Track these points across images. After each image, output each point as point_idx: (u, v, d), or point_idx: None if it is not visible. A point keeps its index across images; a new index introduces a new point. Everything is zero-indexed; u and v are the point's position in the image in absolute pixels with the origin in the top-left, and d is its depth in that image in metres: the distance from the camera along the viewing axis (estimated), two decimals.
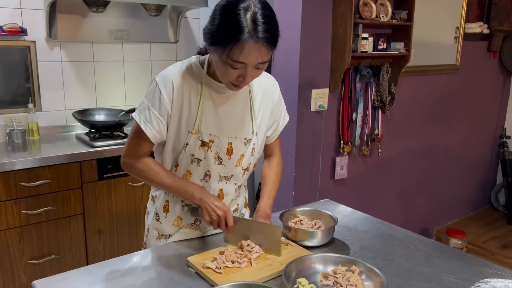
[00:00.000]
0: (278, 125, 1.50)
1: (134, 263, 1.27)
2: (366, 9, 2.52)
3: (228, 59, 1.13)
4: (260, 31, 1.10)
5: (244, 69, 1.16)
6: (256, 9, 1.11)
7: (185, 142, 1.30)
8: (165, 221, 1.42)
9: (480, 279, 1.10)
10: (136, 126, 1.30)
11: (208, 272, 1.16)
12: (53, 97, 2.75)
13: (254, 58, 1.13)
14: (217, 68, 1.21)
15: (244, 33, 1.09)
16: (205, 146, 1.31)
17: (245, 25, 1.09)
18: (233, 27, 1.10)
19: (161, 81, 1.27)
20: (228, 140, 1.34)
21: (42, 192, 2.26)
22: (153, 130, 1.28)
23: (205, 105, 1.29)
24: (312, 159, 2.59)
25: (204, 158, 1.33)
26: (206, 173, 1.36)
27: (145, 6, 2.89)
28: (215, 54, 1.18)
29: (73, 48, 2.77)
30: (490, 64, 3.71)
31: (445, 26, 3.19)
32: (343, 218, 1.62)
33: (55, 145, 2.52)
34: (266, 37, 1.12)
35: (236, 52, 1.11)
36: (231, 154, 1.35)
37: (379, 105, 2.77)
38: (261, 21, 1.11)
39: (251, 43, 1.10)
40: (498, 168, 4.07)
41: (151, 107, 1.27)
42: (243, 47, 1.10)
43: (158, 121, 1.28)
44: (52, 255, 2.34)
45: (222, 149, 1.34)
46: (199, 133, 1.29)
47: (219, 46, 1.14)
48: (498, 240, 3.48)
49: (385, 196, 3.13)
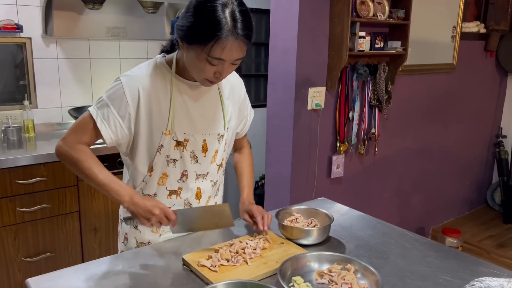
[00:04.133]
0: (247, 120, 1.52)
1: (129, 261, 1.26)
2: (363, 8, 2.52)
3: (208, 56, 1.12)
4: (239, 27, 1.11)
5: (221, 65, 1.16)
6: (234, 6, 1.11)
7: (160, 144, 1.28)
8: (144, 228, 1.40)
9: (475, 278, 1.10)
10: (88, 119, 1.24)
11: (203, 270, 1.16)
12: (49, 94, 2.74)
13: (234, 54, 1.13)
14: (192, 65, 1.20)
15: (225, 30, 1.09)
16: (180, 145, 1.30)
17: (225, 22, 1.09)
18: (213, 24, 1.09)
19: (126, 82, 1.23)
20: (202, 138, 1.33)
21: (38, 190, 2.25)
22: (109, 129, 1.24)
23: (176, 104, 1.28)
24: (308, 157, 2.59)
25: (180, 158, 1.32)
26: (183, 173, 1.35)
27: (142, 3, 2.88)
28: (191, 52, 1.16)
29: (69, 45, 2.76)
30: (486, 64, 3.72)
31: (442, 25, 3.19)
32: (339, 216, 1.62)
33: (50, 142, 2.51)
34: (246, 34, 1.13)
35: (217, 50, 1.11)
36: (206, 151, 1.35)
37: (375, 104, 2.77)
38: (240, 18, 1.11)
39: (232, 40, 1.10)
40: (494, 167, 4.08)
41: (111, 106, 1.23)
42: (224, 44, 1.10)
43: (116, 121, 1.23)
44: (48, 252, 2.33)
45: (198, 146, 1.33)
46: (173, 133, 1.28)
47: (197, 44, 1.12)
48: (494, 239, 3.49)
49: (382, 195, 3.14)
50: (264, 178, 3.70)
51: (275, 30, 2.47)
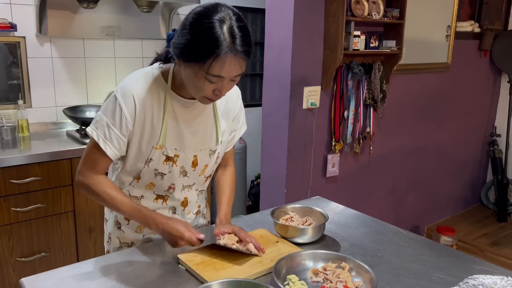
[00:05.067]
0: (235, 134, 1.47)
1: (123, 260, 1.26)
2: (358, 7, 2.52)
3: (206, 74, 1.08)
4: (238, 44, 1.06)
5: (220, 83, 1.11)
6: (232, 21, 1.07)
7: (149, 158, 1.25)
8: (127, 228, 1.39)
9: (468, 276, 1.11)
10: (93, 142, 1.23)
11: (198, 269, 1.16)
12: (43, 94, 2.73)
13: (233, 71, 1.09)
14: (190, 83, 1.15)
15: (223, 47, 1.04)
16: (170, 160, 1.28)
17: (223, 38, 1.04)
18: (211, 41, 1.04)
19: (121, 97, 1.19)
20: (193, 153, 1.31)
21: (32, 189, 2.24)
22: (113, 148, 1.22)
23: (168, 120, 1.25)
24: (304, 156, 2.59)
25: (168, 173, 1.30)
26: (170, 186, 1.33)
27: (137, 2, 2.87)
28: (188, 70, 1.12)
29: (64, 44, 2.75)
30: (481, 63, 3.74)
31: (436, 25, 3.20)
32: (334, 215, 1.62)
33: (45, 142, 2.50)
34: (245, 50, 1.08)
35: (215, 67, 1.06)
36: (196, 166, 1.34)
37: (370, 103, 2.78)
38: (239, 34, 1.07)
39: (231, 57, 1.06)
40: (488, 166, 4.11)
41: (111, 125, 1.20)
42: (224, 62, 1.06)
43: (119, 139, 1.22)
44: (42, 252, 2.32)
45: (188, 162, 1.31)
46: (163, 148, 1.25)
47: (195, 61, 1.08)
48: (488, 237, 3.51)
49: (377, 193, 3.15)
50: (259, 177, 3.70)
51: (270, 30, 2.47)
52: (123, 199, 1.24)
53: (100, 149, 1.21)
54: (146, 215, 1.23)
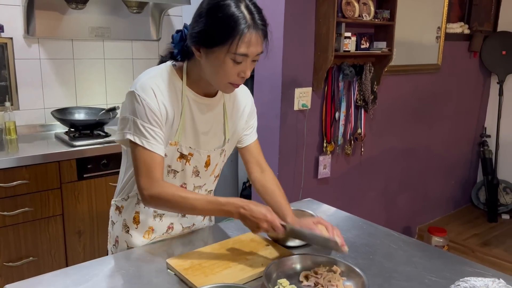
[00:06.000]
0: (253, 130, 1.44)
1: (112, 265, 1.24)
2: (349, 8, 2.52)
3: (234, 55, 1.09)
4: (257, 20, 1.10)
5: (245, 63, 1.13)
6: (247, 0, 1.11)
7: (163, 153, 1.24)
8: (136, 232, 1.37)
9: (460, 278, 1.10)
10: (138, 149, 1.18)
11: (187, 274, 1.14)
12: (31, 96, 2.69)
13: (258, 48, 1.12)
14: (213, 71, 1.15)
15: (247, 24, 1.08)
16: (184, 158, 1.27)
17: (243, 16, 1.08)
18: (233, 20, 1.07)
19: (143, 93, 1.17)
20: (207, 153, 1.31)
21: (19, 193, 2.20)
22: (159, 144, 1.19)
23: (185, 117, 1.24)
24: (295, 158, 2.58)
25: (181, 171, 1.29)
26: (181, 185, 1.32)
27: (126, 3, 2.84)
28: (211, 57, 1.12)
29: (52, 46, 2.71)
30: (470, 64, 3.76)
31: (427, 26, 3.22)
32: (325, 217, 1.60)
33: (33, 144, 2.47)
34: (264, 24, 1.12)
35: (242, 46, 1.09)
36: (208, 166, 1.33)
37: (362, 104, 2.78)
38: (255, 11, 1.11)
39: (253, 33, 1.09)
40: (479, 166, 4.13)
41: (145, 123, 1.17)
42: (249, 38, 1.09)
43: (158, 134, 1.18)
44: (30, 257, 2.29)
45: (201, 162, 1.31)
46: (178, 145, 1.24)
47: (221, 44, 1.09)
48: (479, 237, 3.53)
49: (368, 195, 3.15)
50: None
51: None
52: (195, 196, 1.21)
53: (149, 152, 1.17)
54: (223, 203, 1.18)
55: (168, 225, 1.39)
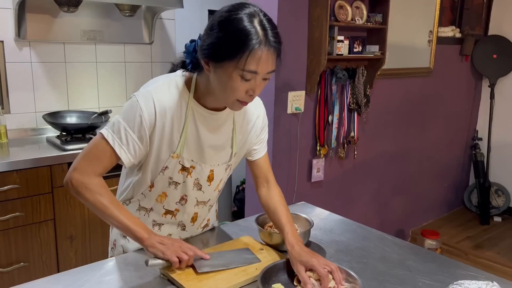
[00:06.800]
0: (262, 144, 1.42)
1: (104, 270, 1.22)
2: (341, 12, 2.53)
3: (242, 71, 1.05)
4: (270, 37, 1.06)
5: (254, 81, 1.08)
6: (261, 16, 1.07)
7: (165, 165, 1.22)
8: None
9: (454, 281, 1.10)
10: (104, 145, 1.16)
11: (181, 279, 1.13)
12: (22, 99, 2.66)
13: (268, 66, 1.07)
14: (221, 87, 1.11)
15: (258, 41, 1.03)
16: (185, 171, 1.25)
17: (255, 32, 1.03)
18: (245, 35, 1.03)
19: (143, 102, 1.14)
20: (210, 168, 1.29)
21: (10, 198, 2.18)
22: (129, 154, 1.17)
23: (188, 130, 1.21)
24: (289, 161, 2.58)
25: (182, 182, 1.27)
26: (182, 197, 1.31)
27: (119, 6, 2.83)
28: (219, 71, 1.08)
29: (44, 49, 2.69)
30: (462, 68, 3.79)
31: (418, 30, 3.24)
32: (319, 221, 1.61)
33: (24, 148, 2.44)
34: (277, 42, 1.08)
35: (251, 62, 1.04)
36: (211, 181, 1.31)
37: (354, 108, 2.79)
38: (269, 27, 1.06)
39: (265, 50, 1.04)
40: (471, 169, 4.16)
41: (129, 128, 1.15)
42: (259, 55, 1.04)
43: (135, 145, 1.16)
44: (21, 262, 2.26)
45: (203, 176, 1.29)
46: (180, 157, 1.22)
47: (229, 58, 1.04)
48: (471, 240, 3.55)
49: (362, 198, 3.16)
50: (245, 183, 3.68)
51: None
52: (118, 207, 1.17)
53: (113, 152, 1.15)
54: (141, 228, 1.16)
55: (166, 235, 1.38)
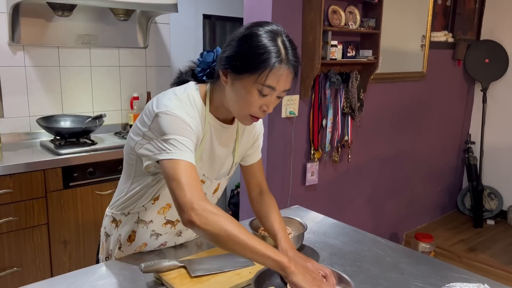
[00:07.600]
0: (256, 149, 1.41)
1: (97, 275, 1.22)
2: (335, 17, 2.55)
3: (262, 86, 1.05)
4: (291, 56, 1.07)
5: (270, 97, 1.09)
6: (283, 35, 1.09)
7: None
8: (128, 248, 1.33)
9: (446, 284, 1.11)
10: (177, 167, 1.05)
11: (175, 283, 1.13)
12: (16, 103, 2.66)
13: (286, 84, 1.09)
14: (236, 100, 1.10)
15: (280, 58, 1.05)
16: None
17: (278, 49, 1.05)
18: (268, 51, 1.04)
19: (174, 109, 1.10)
20: (218, 182, 1.30)
21: (3, 202, 2.16)
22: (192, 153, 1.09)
23: (205, 144, 1.20)
24: (283, 165, 2.59)
25: None
26: None
27: (113, 11, 2.83)
28: (237, 84, 1.08)
29: (38, 53, 2.69)
30: (455, 72, 3.83)
31: (411, 35, 3.27)
32: (313, 224, 1.62)
33: (17, 152, 2.43)
34: (296, 61, 1.09)
35: (271, 78, 1.05)
36: (215, 192, 1.33)
37: (348, 112, 2.81)
38: (290, 47, 1.08)
39: (285, 68, 1.06)
40: (464, 173, 4.19)
41: (179, 136, 1.07)
42: (280, 72, 1.05)
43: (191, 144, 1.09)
44: (14, 267, 2.24)
45: (210, 189, 1.30)
46: None
47: (251, 72, 1.05)
48: (465, 243, 3.57)
49: (355, 201, 3.17)
50: (239, 187, 3.68)
51: None
52: (248, 238, 1.05)
53: (187, 167, 1.06)
54: (275, 261, 1.04)
55: (162, 243, 1.38)
